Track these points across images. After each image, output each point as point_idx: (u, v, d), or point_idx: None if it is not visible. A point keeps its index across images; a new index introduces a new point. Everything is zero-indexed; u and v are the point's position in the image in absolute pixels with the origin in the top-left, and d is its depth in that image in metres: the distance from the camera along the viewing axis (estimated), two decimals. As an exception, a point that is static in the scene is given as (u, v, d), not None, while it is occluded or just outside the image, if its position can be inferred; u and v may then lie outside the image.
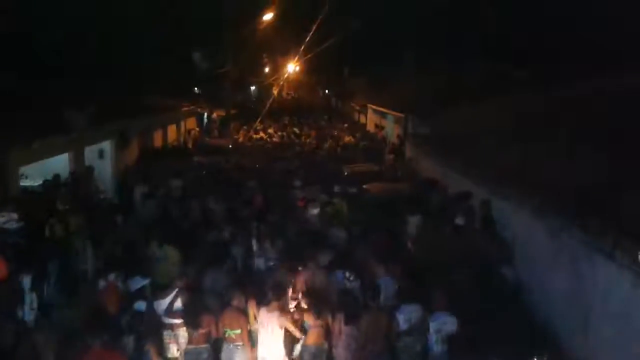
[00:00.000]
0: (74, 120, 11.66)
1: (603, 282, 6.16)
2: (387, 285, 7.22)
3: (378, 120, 27.05)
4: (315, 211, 10.51)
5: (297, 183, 13.12)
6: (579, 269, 6.73)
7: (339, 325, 6.52)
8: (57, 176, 12.27)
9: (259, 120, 30.57)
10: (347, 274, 7.47)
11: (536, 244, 8.00)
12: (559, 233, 7.36)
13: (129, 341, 6.44)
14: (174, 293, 6.93)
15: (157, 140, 21.00)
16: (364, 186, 13.05)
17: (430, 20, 23.10)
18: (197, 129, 27.30)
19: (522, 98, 14.62)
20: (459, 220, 9.74)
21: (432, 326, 6.53)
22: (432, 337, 6.53)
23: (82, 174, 12.98)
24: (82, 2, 16.36)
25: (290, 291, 7.31)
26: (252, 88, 52.49)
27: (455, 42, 21.78)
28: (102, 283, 7.32)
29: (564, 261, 7.13)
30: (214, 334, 6.66)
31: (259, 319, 6.72)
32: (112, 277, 7.25)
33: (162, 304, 6.87)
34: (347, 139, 24.44)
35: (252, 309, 6.86)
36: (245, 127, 28.75)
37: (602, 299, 6.16)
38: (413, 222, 9.86)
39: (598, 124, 10.65)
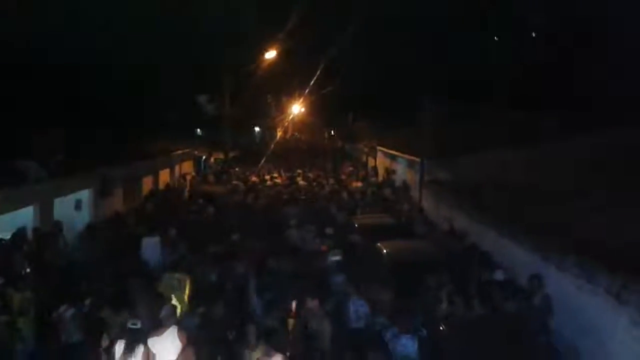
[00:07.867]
0: (31, 170, 9.77)
1: None
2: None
3: (389, 163, 25.19)
4: (335, 258, 9.85)
5: (293, 222, 12.81)
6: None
7: None
8: (18, 233, 10.33)
9: (261, 163, 28.91)
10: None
11: (617, 337, 6.06)
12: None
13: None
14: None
15: (147, 187, 19.20)
16: (378, 244, 10.92)
17: (446, 63, 21.80)
18: (193, 173, 25.53)
19: (548, 145, 13.02)
20: (499, 275, 8.40)
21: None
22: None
23: (47, 231, 11.02)
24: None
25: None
26: (257, 129, 51.25)
27: (480, 89, 20.28)
28: None
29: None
30: None
31: None
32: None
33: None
34: (355, 184, 22.44)
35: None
36: (244, 171, 26.88)
37: None
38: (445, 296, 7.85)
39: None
